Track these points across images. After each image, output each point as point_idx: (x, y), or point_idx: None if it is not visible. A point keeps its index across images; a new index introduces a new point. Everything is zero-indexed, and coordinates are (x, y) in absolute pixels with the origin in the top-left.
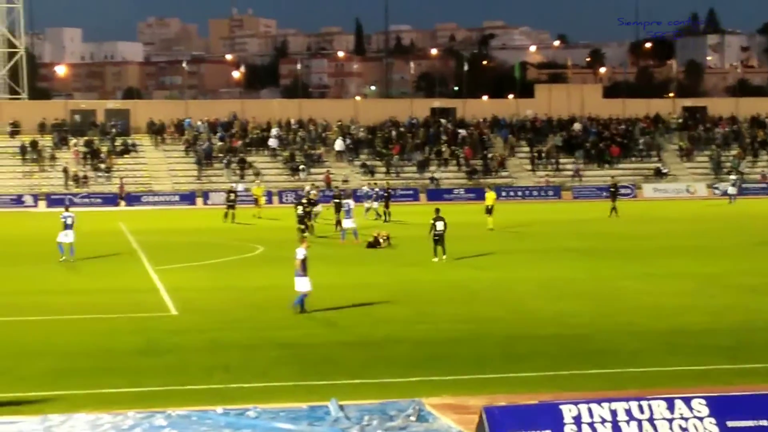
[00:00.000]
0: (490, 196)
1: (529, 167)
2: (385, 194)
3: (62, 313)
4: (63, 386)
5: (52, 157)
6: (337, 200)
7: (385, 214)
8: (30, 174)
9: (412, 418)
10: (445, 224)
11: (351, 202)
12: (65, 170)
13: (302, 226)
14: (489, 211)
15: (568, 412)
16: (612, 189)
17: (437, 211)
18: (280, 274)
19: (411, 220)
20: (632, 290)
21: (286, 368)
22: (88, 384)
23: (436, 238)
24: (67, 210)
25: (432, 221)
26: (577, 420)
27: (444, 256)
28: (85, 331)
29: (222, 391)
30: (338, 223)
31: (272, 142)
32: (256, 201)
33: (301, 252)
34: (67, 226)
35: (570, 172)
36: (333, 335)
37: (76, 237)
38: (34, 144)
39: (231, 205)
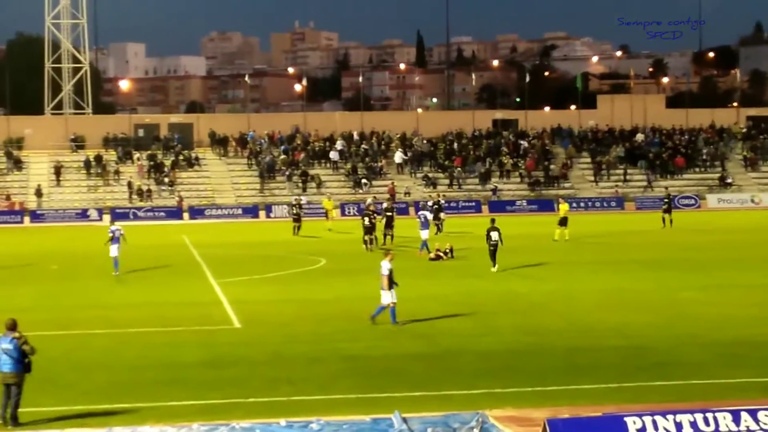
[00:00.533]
0: (564, 207)
1: (592, 178)
2: (437, 206)
3: (127, 326)
4: (128, 399)
5: (116, 171)
6: (388, 212)
7: (436, 226)
8: (94, 188)
9: (476, 431)
10: (499, 234)
11: (427, 213)
12: (129, 184)
13: (368, 237)
14: (563, 222)
15: (632, 424)
16: (666, 200)
17: (492, 221)
18: (342, 286)
19: (473, 231)
20: (696, 301)
21: (349, 381)
22: (152, 397)
23: (492, 248)
24: (113, 224)
25: (487, 231)
26: None
27: (494, 269)
28: (149, 344)
29: (285, 403)
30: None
31: (333, 155)
32: (326, 214)
33: (385, 265)
34: (115, 239)
35: (635, 183)
36: (396, 348)
37: (121, 252)
38: (98, 158)
39: (296, 217)
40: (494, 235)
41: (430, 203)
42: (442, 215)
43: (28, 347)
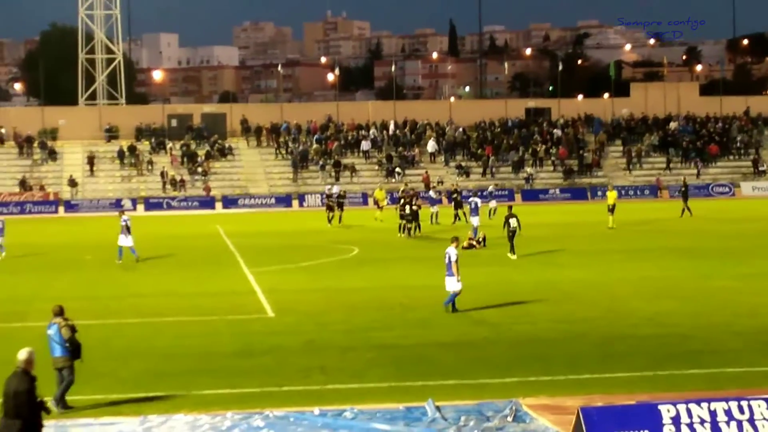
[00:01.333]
0: (612, 195)
1: (625, 166)
2: (455, 195)
3: (161, 315)
4: (162, 388)
5: (150, 162)
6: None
7: (455, 216)
8: (128, 178)
9: (509, 419)
10: (518, 221)
11: (478, 200)
12: (163, 174)
13: (408, 224)
14: (611, 209)
15: (666, 412)
16: (683, 189)
17: (510, 208)
18: (375, 275)
19: (486, 221)
20: (731, 290)
21: (383, 369)
22: (186, 385)
23: (510, 234)
24: (123, 213)
25: (505, 218)
26: (676, 420)
27: (513, 256)
28: (183, 334)
29: (319, 392)
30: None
31: (365, 145)
32: (377, 204)
33: (453, 252)
34: (127, 229)
35: (665, 170)
36: (429, 336)
37: (135, 240)
38: (132, 148)
39: (331, 207)
40: (512, 221)
41: (485, 191)
42: (479, 202)
43: (65, 330)
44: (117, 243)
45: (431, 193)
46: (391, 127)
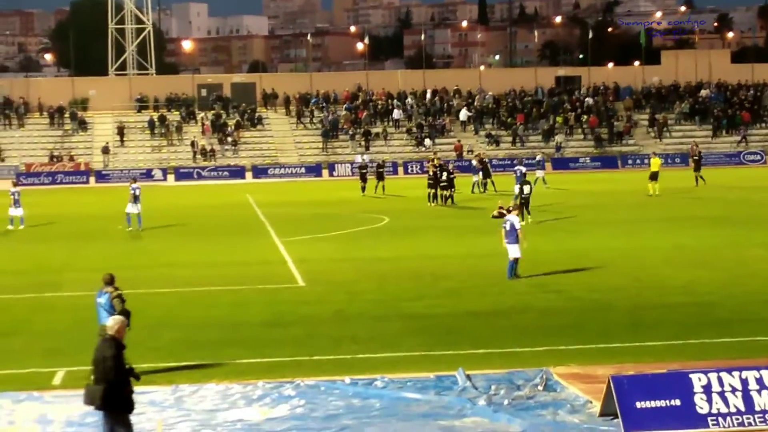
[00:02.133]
0: (656, 161)
1: (655, 135)
2: (481, 165)
3: (192, 285)
4: (193, 357)
5: (179, 130)
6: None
7: (483, 185)
8: (159, 148)
9: (540, 388)
10: (531, 188)
11: (523, 168)
12: (193, 144)
13: (444, 191)
14: (654, 176)
15: (697, 381)
16: (695, 157)
17: (524, 175)
18: (405, 244)
19: (537, 190)
20: (762, 258)
21: (413, 338)
22: (217, 355)
23: (523, 201)
24: (134, 182)
25: (520, 185)
26: (707, 389)
27: (529, 218)
28: (214, 303)
29: (349, 361)
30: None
31: (396, 114)
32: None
33: (515, 219)
34: (135, 198)
35: (696, 139)
36: (459, 305)
37: (143, 208)
38: (162, 119)
39: (365, 176)
40: (526, 188)
41: (532, 159)
42: (523, 170)
43: (117, 302)
44: (125, 211)
45: (474, 161)
46: (428, 95)
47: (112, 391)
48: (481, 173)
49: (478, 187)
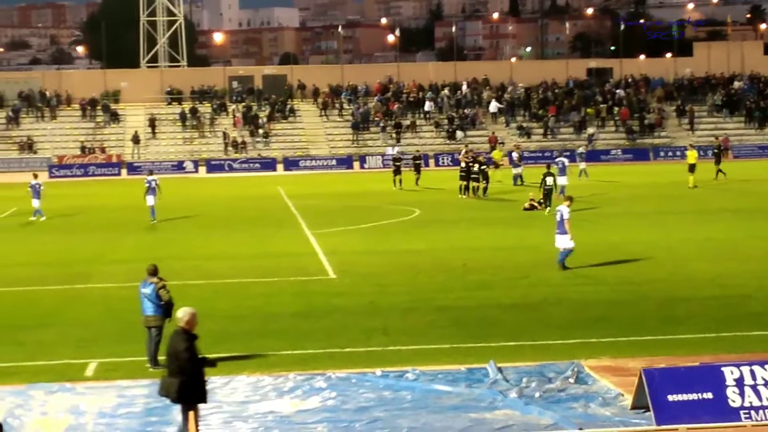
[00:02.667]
0: (692, 154)
1: (688, 127)
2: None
3: (223, 277)
4: (224, 349)
5: (211, 123)
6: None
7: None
8: (190, 140)
9: (571, 380)
10: (554, 179)
11: (565, 159)
12: (225, 135)
13: (475, 183)
14: (692, 168)
15: (729, 374)
16: (716, 150)
17: (548, 166)
18: (436, 237)
19: (569, 181)
20: None
21: (444, 330)
22: (249, 347)
23: (546, 191)
24: (151, 174)
25: (543, 176)
26: (740, 382)
27: (547, 211)
28: (245, 295)
29: (380, 353)
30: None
31: (428, 106)
32: (496, 165)
33: (566, 210)
34: (151, 190)
35: (728, 132)
36: (490, 297)
37: (158, 200)
38: (193, 111)
39: (398, 169)
40: (549, 180)
41: (575, 152)
42: (566, 161)
43: (164, 292)
44: (146, 204)
45: (513, 154)
46: (464, 87)
47: (187, 384)
48: (521, 166)
49: (520, 180)
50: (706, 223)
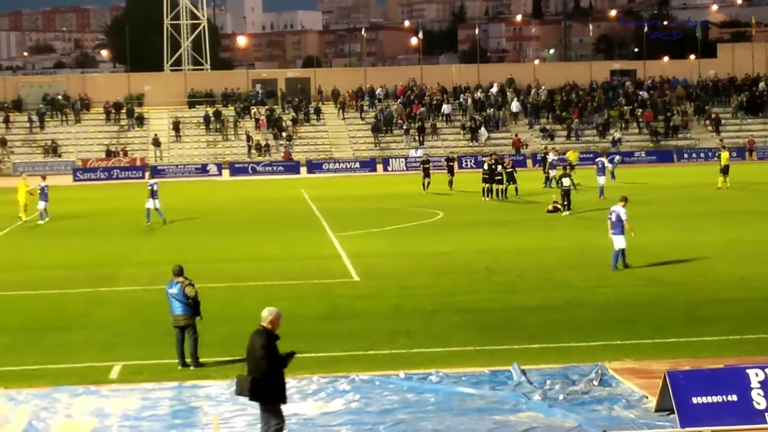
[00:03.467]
0: (725, 155)
1: (712, 129)
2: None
3: (247, 279)
4: None
5: (235, 126)
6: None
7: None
8: (214, 143)
9: (595, 383)
10: (571, 180)
11: (604, 159)
12: (248, 138)
13: (499, 185)
14: (723, 170)
15: (754, 376)
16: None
17: (565, 168)
18: (459, 239)
19: (590, 183)
20: None
21: (467, 333)
22: None
23: (564, 193)
24: (152, 177)
25: (560, 177)
26: (765, 384)
27: (568, 212)
28: (269, 297)
29: (404, 356)
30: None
31: (446, 108)
32: (572, 166)
33: (622, 211)
34: (153, 193)
35: (753, 133)
36: (513, 300)
37: (161, 202)
38: (217, 114)
39: (427, 170)
40: (566, 181)
41: (560, 156)
42: (605, 161)
43: (190, 289)
44: (145, 207)
45: (550, 155)
46: (494, 89)
47: (262, 381)
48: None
49: (556, 182)
50: (730, 225)
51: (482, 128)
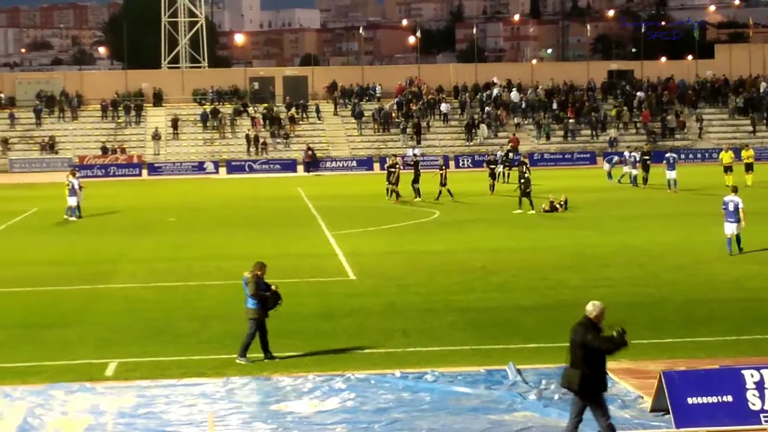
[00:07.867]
0: (727, 155)
1: (707, 130)
2: (505, 158)
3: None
4: None
5: (232, 124)
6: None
7: (643, 179)
8: (211, 141)
9: None
10: (524, 177)
11: (636, 154)
12: (247, 137)
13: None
14: (728, 170)
15: (749, 377)
16: (646, 157)
17: (626, 161)
18: (456, 238)
19: (588, 184)
20: None
21: (464, 332)
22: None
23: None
24: (73, 175)
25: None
26: (760, 385)
27: (531, 211)
28: None
29: (400, 354)
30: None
31: (444, 107)
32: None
33: (739, 200)
34: (71, 191)
35: (751, 133)
36: (509, 299)
37: (81, 200)
38: (214, 112)
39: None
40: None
41: (634, 154)
42: (676, 156)
43: (250, 285)
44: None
45: (626, 154)
46: (496, 90)
47: (589, 377)
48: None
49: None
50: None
51: (482, 126)
